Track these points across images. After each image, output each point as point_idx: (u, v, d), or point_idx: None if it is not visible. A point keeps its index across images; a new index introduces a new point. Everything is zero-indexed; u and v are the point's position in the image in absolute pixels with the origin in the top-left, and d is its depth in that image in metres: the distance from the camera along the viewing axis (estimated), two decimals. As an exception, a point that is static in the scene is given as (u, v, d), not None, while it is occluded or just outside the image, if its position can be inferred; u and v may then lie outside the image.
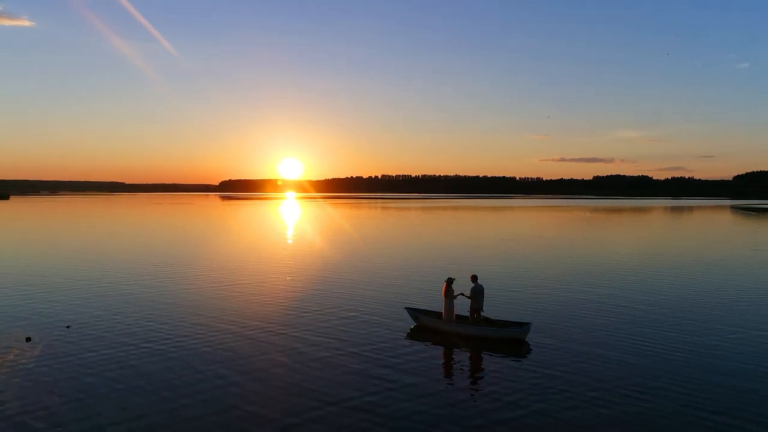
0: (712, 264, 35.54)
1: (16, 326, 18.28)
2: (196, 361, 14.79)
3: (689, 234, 64.03)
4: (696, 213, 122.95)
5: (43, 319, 19.25)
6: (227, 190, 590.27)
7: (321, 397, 12.40)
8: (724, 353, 16.00)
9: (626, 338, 17.44)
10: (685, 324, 19.39)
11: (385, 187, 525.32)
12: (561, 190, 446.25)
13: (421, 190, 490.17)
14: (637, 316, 20.63)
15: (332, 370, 14.27)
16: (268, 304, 22.58)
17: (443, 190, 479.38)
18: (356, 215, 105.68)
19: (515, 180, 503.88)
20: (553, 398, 12.47)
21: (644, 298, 23.96)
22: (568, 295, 24.63)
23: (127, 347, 15.98)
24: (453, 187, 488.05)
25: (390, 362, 14.89)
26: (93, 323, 18.81)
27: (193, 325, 18.58)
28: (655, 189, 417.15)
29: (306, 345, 16.45)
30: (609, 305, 22.47)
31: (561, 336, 17.58)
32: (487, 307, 18.25)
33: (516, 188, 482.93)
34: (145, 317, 19.78)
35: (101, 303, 22.16)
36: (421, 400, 12.28)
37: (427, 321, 18.37)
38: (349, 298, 23.64)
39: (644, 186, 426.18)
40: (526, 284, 27.20)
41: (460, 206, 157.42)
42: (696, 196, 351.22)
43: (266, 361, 14.97)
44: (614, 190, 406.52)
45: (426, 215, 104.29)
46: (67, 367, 14.18)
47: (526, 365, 14.89)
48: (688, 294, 25.22)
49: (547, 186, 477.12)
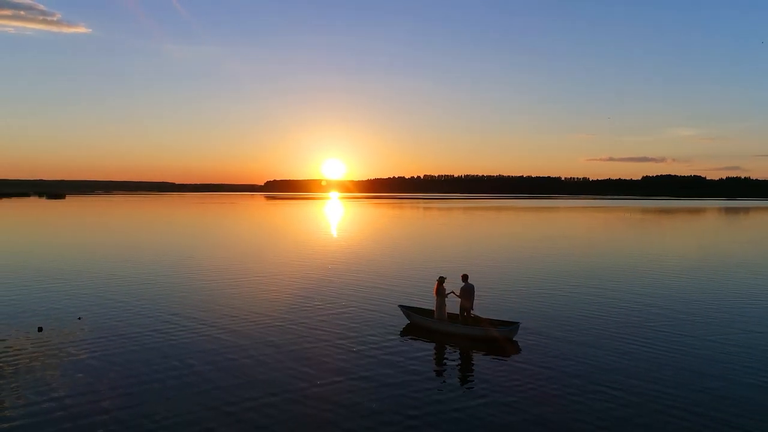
0: (742, 267, 34.29)
1: (28, 316, 19.52)
2: (178, 353, 15.51)
3: (731, 236, 61.59)
4: (749, 214, 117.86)
5: (55, 311, 20.48)
6: (272, 190, 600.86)
7: (299, 390, 12.89)
8: (723, 356, 15.65)
9: (626, 340, 17.23)
10: (693, 327, 18.96)
11: (428, 187, 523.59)
12: (608, 190, 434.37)
13: (463, 190, 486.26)
14: (651, 320, 20.25)
15: (315, 363, 14.73)
16: (286, 298, 23.23)
17: (486, 190, 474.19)
18: (393, 215, 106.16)
19: (560, 180, 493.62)
20: (532, 395, 12.58)
21: (661, 303, 23.44)
22: (577, 295, 24.34)
23: (140, 335, 16.91)
24: (496, 187, 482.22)
25: (377, 358, 15.22)
26: (105, 314, 19.87)
27: (190, 318, 19.38)
28: (709, 189, 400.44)
29: (303, 338, 16.99)
30: (619, 307, 22.11)
31: (552, 335, 17.52)
32: (498, 306, 18.33)
33: (561, 189, 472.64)
34: (157, 309, 20.74)
35: (118, 296, 23.28)
36: (399, 397, 12.57)
37: (417, 319, 18.61)
38: (356, 294, 24.07)
39: (697, 186, 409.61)
40: (537, 284, 26.97)
41: (499, 206, 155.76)
42: (753, 197, 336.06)
43: (253, 354, 15.56)
44: (665, 191, 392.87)
45: (461, 215, 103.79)
46: (79, 354, 15.14)
47: (511, 364, 14.98)
48: (707, 298, 24.52)
49: (593, 186, 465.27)
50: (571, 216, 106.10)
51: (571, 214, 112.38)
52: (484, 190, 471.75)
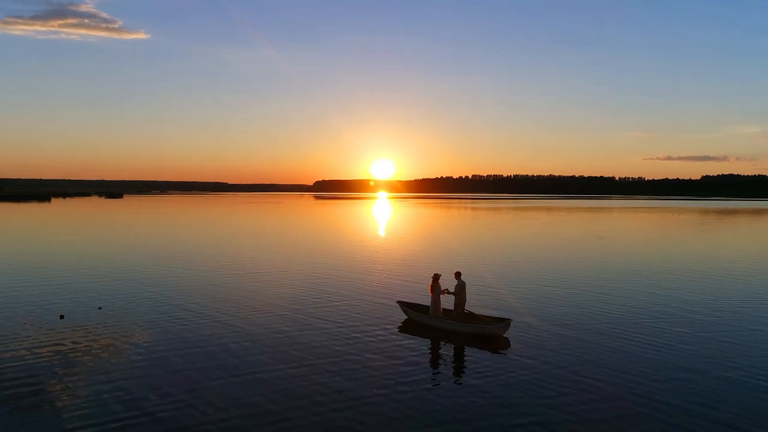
0: None
1: (50, 305, 21.05)
2: (187, 344, 16.50)
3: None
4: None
5: (77, 300, 22.04)
6: (321, 190, 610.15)
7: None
8: (722, 356, 15.37)
9: (624, 341, 17.12)
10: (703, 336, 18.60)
11: (476, 187, 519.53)
12: (665, 190, 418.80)
13: (513, 190, 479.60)
14: (656, 320, 19.97)
15: (317, 351, 15.43)
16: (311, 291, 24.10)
17: (536, 190, 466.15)
18: (437, 215, 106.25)
19: (614, 180, 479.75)
20: (519, 389, 12.90)
21: (674, 304, 22.98)
22: (583, 295, 24.12)
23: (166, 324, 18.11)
24: (547, 187, 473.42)
25: (373, 353, 15.70)
26: (124, 306, 21.21)
27: (211, 309, 20.46)
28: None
29: (313, 328, 17.76)
30: (621, 308, 21.82)
31: (546, 332, 17.58)
32: (497, 306, 18.52)
33: (615, 189, 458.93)
34: (181, 303, 21.90)
35: (141, 288, 24.69)
36: (388, 392, 13.11)
37: (413, 315, 19.03)
38: (376, 290, 24.71)
39: (761, 186, 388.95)
40: (547, 283, 26.82)
41: (546, 207, 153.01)
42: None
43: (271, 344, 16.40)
44: (726, 191, 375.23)
45: (504, 216, 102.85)
46: (97, 344, 16.39)
47: (498, 359, 15.27)
48: (720, 303, 23.84)
49: (648, 186, 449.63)
50: (616, 217, 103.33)
51: (618, 215, 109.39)
52: (535, 191, 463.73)
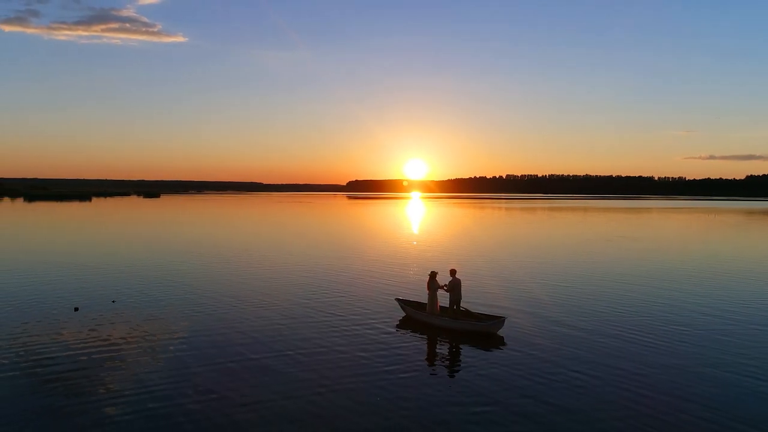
0: None
1: (64, 298, 22.11)
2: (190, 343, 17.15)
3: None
4: None
5: (91, 294, 23.07)
6: (354, 189, 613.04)
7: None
8: (723, 355, 15.19)
9: (625, 340, 17.05)
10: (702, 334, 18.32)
11: (510, 187, 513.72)
12: (706, 190, 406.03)
13: (547, 190, 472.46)
14: (658, 320, 19.75)
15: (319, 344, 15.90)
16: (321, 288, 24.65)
17: (572, 190, 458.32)
18: (469, 214, 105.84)
19: (652, 180, 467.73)
20: (508, 386, 13.13)
21: (680, 305, 22.64)
22: (584, 294, 23.98)
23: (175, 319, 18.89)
24: (583, 187, 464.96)
25: (370, 349, 15.99)
26: (138, 300, 22.10)
27: (205, 309, 21.17)
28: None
29: (317, 322, 18.24)
30: (622, 308, 21.63)
31: (542, 330, 17.65)
32: (498, 305, 18.62)
33: (653, 189, 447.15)
34: (194, 298, 22.72)
35: (155, 284, 25.63)
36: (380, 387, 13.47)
37: (410, 312, 19.31)
38: (388, 286, 25.08)
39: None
40: (556, 282, 26.69)
41: (580, 207, 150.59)
42: None
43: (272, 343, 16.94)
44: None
45: (533, 216, 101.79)
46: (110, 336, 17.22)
47: (491, 356, 15.49)
48: (728, 304, 23.33)
49: (688, 186, 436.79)
50: (649, 217, 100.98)
51: (651, 215, 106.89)
52: (570, 191, 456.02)
